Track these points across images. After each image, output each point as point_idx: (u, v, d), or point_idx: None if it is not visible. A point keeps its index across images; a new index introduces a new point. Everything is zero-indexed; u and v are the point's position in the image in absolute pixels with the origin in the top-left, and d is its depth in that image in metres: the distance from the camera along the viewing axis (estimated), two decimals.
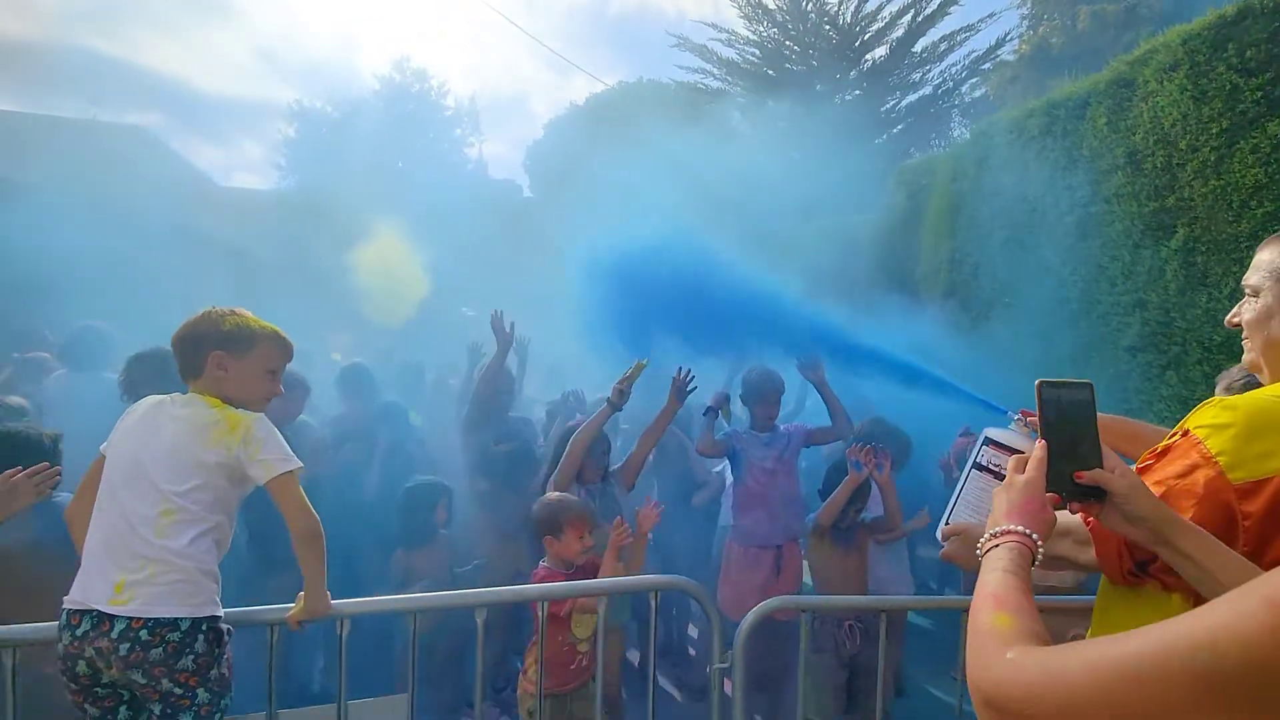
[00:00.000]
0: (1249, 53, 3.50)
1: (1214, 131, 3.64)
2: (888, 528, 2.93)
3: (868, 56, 15.01)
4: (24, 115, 21.59)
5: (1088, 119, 4.56)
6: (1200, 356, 3.73)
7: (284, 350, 1.84)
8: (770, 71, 15.08)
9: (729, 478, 3.68)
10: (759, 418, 3.47)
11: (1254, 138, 3.45)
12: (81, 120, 22.43)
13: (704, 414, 3.52)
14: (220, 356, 1.72)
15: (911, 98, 14.67)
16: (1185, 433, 1.07)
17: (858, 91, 14.45)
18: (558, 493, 2.72)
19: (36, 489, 1.82)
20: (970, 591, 0.89)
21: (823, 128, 13.70)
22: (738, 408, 3.82)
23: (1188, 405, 1.58)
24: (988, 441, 1.40)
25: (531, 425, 4.63)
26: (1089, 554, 1.10)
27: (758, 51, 15.05)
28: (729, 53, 15.86)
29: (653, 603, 2.18)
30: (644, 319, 3.23)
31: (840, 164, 13.63)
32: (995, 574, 0.86)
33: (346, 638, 1.88)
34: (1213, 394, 1.77)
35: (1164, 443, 1.11)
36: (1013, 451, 1.33)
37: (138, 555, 1.57)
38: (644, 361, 3.00)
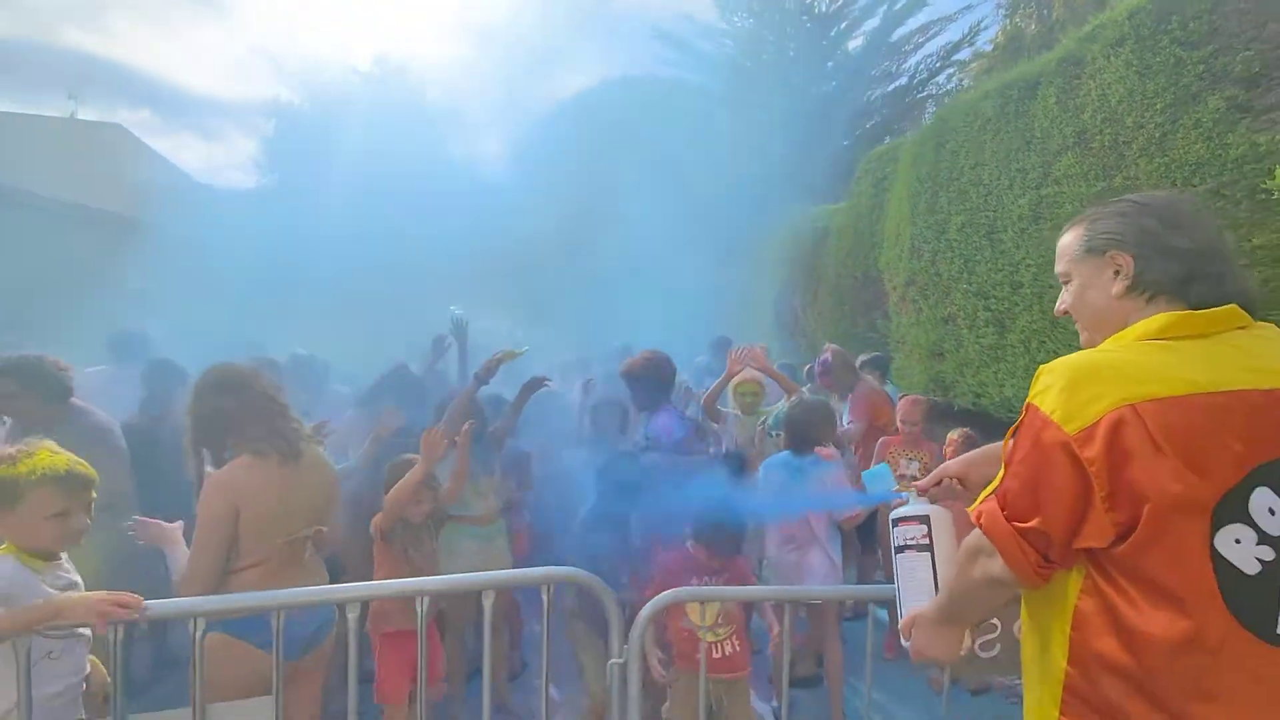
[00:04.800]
0: (1191, 25, 3.40)
1: (1158, 107, 3.55)
2: None
3: (844, 46, 14.93)
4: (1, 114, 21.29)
5: (1039, 99, 4.46)
6: None
7: (64, 489, 1.74)
8: (748, 63, 14.97)
9: None
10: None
11: (1196, 112, 3.36)
12: (59, 118, 22.13)
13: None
14: None
15: (888, 88, 14.60)
16: (1027, 408, 1.12)
17: (834, 83, 14.36)
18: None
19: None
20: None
21: (799, 120, 13.63)
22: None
23: None
24: (895, 523, 1.45)
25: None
26: (1000, 563, 1.10)
27: (732, 43, 14.94)
28: (706, 45, 15.74)
29: (544, 597, 2.07)
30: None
31: (818, 155, 13.58)
32: None
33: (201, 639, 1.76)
34: None
35: (1015, 425, 1.15)
36: (920, 519, 1.40)
37: None
38: (518, 350, 2.99)
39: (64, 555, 1.82)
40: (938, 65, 13.90)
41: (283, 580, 2.02)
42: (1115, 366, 1.06)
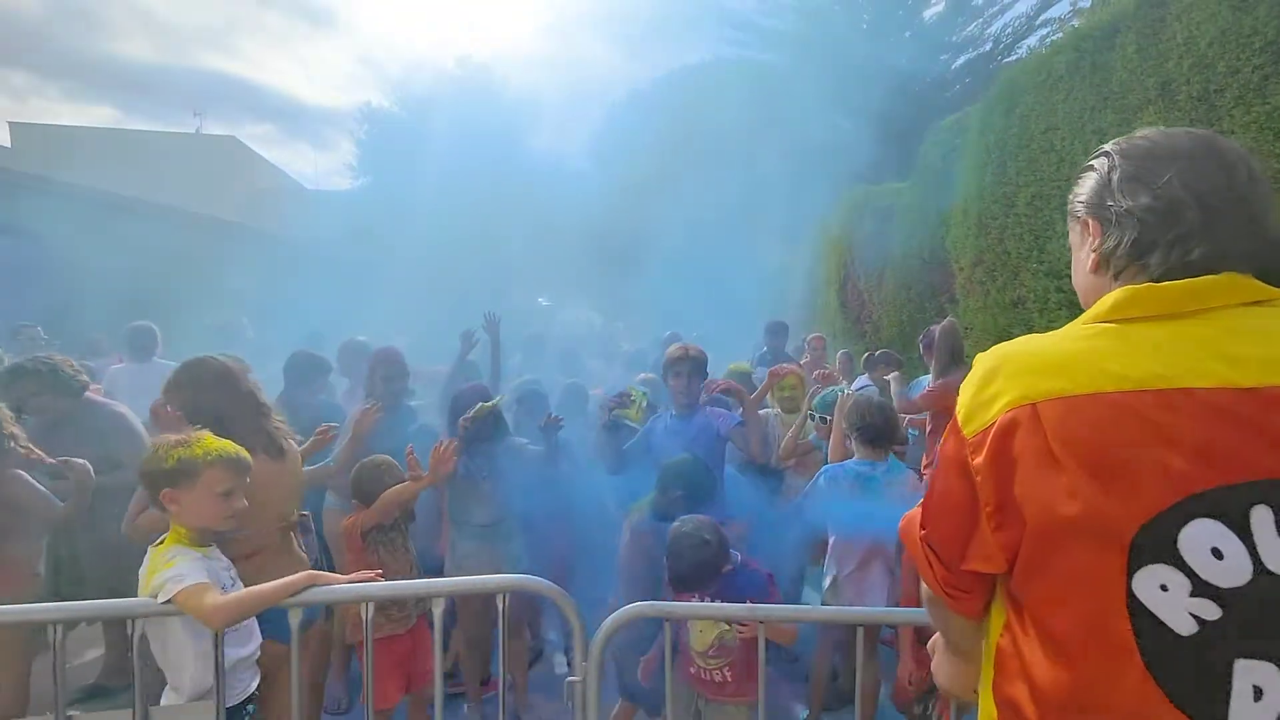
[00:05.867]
0: None
1: (1256, 46, 3.00)
2: None
3: (921, 15, 13.99)
4: (129, 131, 23.54)
5: (1117, 49, 3.91)
6: None
7: (231, 469, 1.90)
8: (816, 37, 14.29)
9: None
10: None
11: None
12: (183, 134, 24.23)
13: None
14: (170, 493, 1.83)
15: (971, 55, 13.54)
16: None
17: (910, 53, 13.48)
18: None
19: None
20: None
21: (871, 94, 12.89)
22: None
23: None
24: None
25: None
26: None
27: (797, 17, 14.31)
28: (771, 22, 15.17)
29: (500, 605, 1.94)
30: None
31: (891, 130, 12.80)
32: None
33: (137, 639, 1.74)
34: None
35: None
36: None
37: None
38: (496, 400, 2.95)
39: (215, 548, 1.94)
40: (1025, 28, 12.71)
41: (280, 569, 2.02)
42: (1027, 356, 0.84)
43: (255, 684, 1.98)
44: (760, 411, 3.93)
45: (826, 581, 2.84)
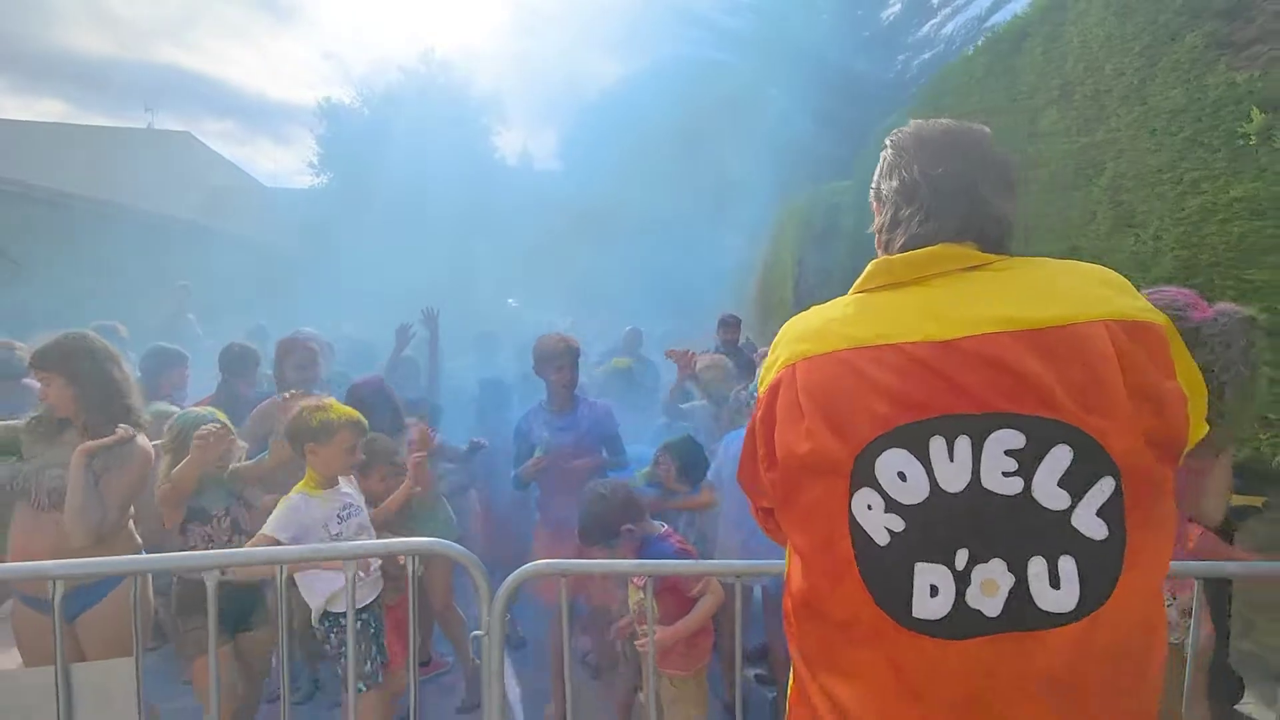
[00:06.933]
0: None
1: (1136, 50, 3.23)
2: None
3: (879, 15, 14.32)
4: (76, 126, 22.82)
5: (1024, 52, 4.15)
6: None
7: (355, 430, 2.38)
8: (773, 37, 14.52)
9: None
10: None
11: (1174, 53, 3.04)
12: (133, 129, 23.56)
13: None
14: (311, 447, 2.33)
15: (924, 56, 13.91)
16: None
17: (867, 54, 13.78)
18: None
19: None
20: None
21: (829, 94, 13.16)
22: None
23: None
24: None
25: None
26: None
27: (756, 16, 14.52)
28: (732, 21, 15.37)
29: (410, 568, 2.05)
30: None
31: (849, 130, 13.10)
32: None
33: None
34: None
35: None
36: None
37: None
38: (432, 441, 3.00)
39: (344, 481, 2.43)
40: (975, 30, 13.09)
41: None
42: (795, 325, 1.01)
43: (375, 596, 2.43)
44: (685, 405, 4.11)
45: None
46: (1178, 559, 1.71)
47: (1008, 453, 0.82)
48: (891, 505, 0.85)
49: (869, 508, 0.86)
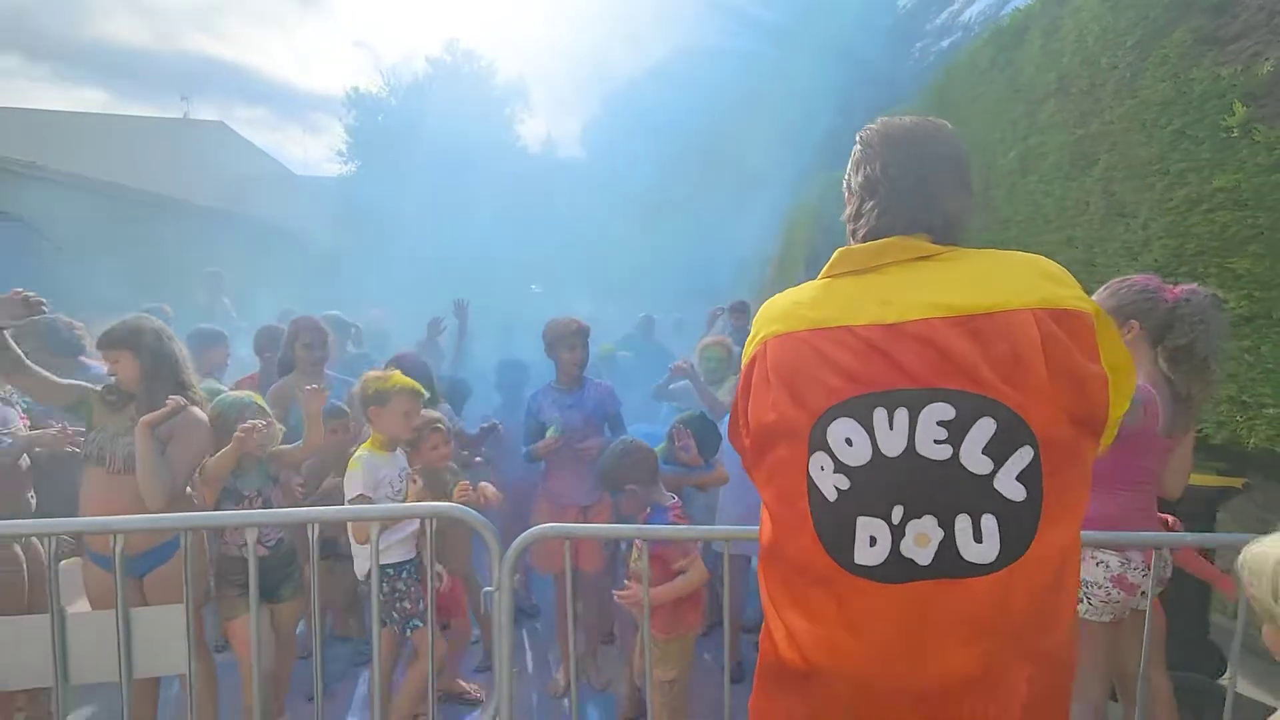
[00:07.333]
0: None
1: (1128, 44, 3.32)
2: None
3: (899, 1, 14.23)
4: (114, 116, 23.37)
5: (1025, 45, 4.23)
6: None
7: (411, 397, 2.62)
8: (795, 27, 14.50)
9: None
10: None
11: (1163, 48, 3.13)
12: (170, 119, 24.06)
13: None
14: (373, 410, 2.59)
15: (943, 44, 13.82)
16: None
17: (886, 43, 13.73)
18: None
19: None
20: None
21: (851, 83, 13.13)
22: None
23: None
24: None
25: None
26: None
27: (784, 5, 14.50)
28: (757, 10, 15.35)
29: (428, 530, 2.25)
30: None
31: (868, 117, 13.04)
32: None
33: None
34: None
35: None
36: None
37: None
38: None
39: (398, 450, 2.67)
40: (995, 14, 12.99)
41: None
42: (770, 307, 1.12)
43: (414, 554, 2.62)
44: (673, 386, 4.28)
45: None
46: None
47: (939, 423, 0.94)
48: (840, 466, 0.99)
49: (822, 469, 1.00)
